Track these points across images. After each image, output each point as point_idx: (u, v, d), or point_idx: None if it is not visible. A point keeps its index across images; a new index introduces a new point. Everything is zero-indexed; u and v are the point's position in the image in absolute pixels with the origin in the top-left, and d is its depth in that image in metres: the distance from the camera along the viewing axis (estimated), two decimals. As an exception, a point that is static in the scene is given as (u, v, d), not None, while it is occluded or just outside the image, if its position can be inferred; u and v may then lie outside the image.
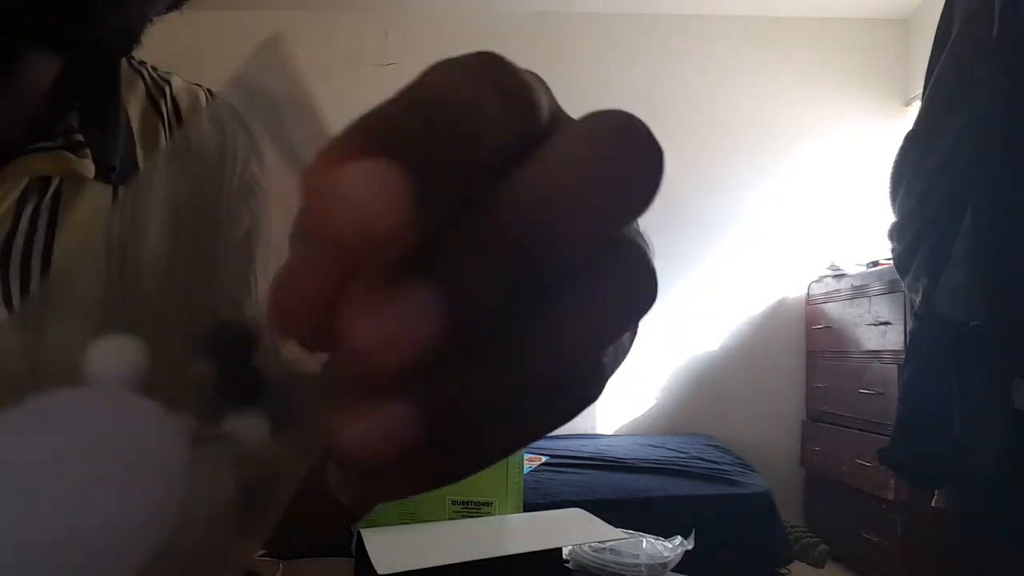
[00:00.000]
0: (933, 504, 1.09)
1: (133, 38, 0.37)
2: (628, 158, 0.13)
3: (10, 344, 0.35)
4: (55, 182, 0.38)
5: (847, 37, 3.59)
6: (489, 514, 0.98)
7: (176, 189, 0.47)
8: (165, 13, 0.38)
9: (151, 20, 0.38)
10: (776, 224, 3.52)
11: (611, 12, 3.60)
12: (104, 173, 0.40)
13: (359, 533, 0.87)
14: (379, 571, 0.73)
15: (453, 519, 0.98)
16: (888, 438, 1.08)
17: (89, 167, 0.39)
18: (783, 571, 2.57)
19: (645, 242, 0.16)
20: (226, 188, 0.47)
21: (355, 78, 3.61)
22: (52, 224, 0.38)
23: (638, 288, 0.15)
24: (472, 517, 0.98)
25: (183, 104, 0.48)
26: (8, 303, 0.36)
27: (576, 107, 0.16)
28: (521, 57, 0.14)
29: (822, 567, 2.75)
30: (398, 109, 0.12)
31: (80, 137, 0.39)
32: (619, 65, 3.58)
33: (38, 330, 0.38)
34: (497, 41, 3.59)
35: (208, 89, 0.50)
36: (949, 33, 1.02)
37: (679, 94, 3.59)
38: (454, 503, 0.98)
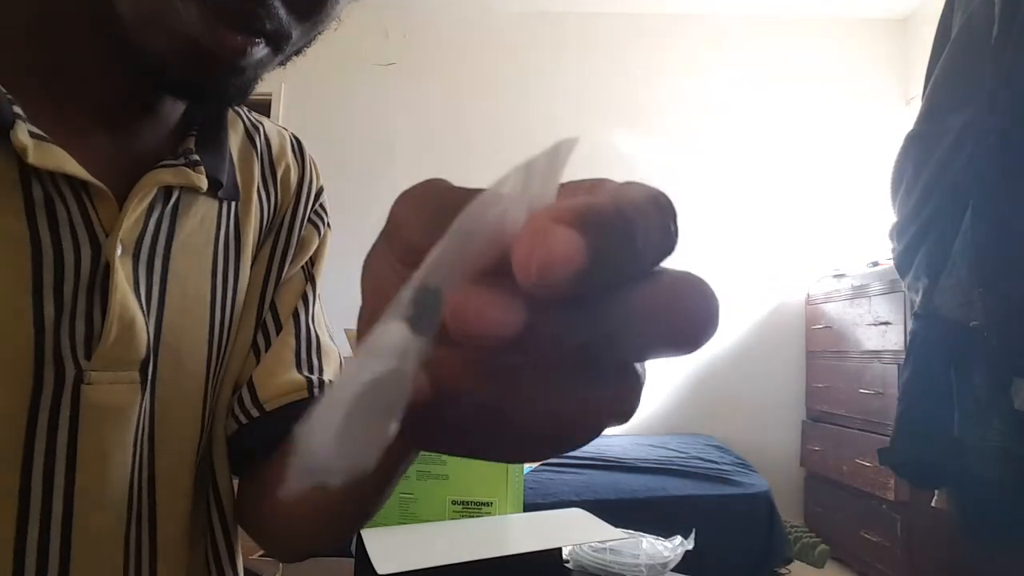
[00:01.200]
0: (933, 504, 1.08)
1: (246, 94, 0.46)
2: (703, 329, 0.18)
3: (139, 324, 0.45)
4: (176, 193, 0.48)
5: (847, 37, 3.59)
6: (489, 514, 0.98)
7: (264, 214, 0.55)
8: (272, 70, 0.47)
9: (261, 79, 0.46)
10: (776, 224, 3.53)
11: (610, 12, 3.60)
12: (212, 186, 0.50)
13: (359, 533, 0.87)
14: (379, 571, 0.73)
15: (453, 519, 0.98)
16: (888, 438, 1.08)
17: (203, 181, 0.49)
18: (783, 571, 2.57)
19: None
20: (300, 215, 0.59)
21: (355, 78, 3.61)
22: (172, 227, 0.48)
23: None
24: (472, 517, 0.98)
25: (274, 142, 0.60)
26: (137, 289, 0.45)
27: (575, 106, 0.16)
28: (521, 57, 0.15)
29: (822, 567, 2.75)
30: (603, 210, 0.17)
31: (196, 157, 0.49)
32: (618, 65, 3.58)
33: (159, 316, 0.47)
34: (497, 41, 3.59)
35: (293, 134, 0.62)
36: (949, 33, 1.02)
37: (678, 94, 3.59)
38: (454, 503, 0.99)
